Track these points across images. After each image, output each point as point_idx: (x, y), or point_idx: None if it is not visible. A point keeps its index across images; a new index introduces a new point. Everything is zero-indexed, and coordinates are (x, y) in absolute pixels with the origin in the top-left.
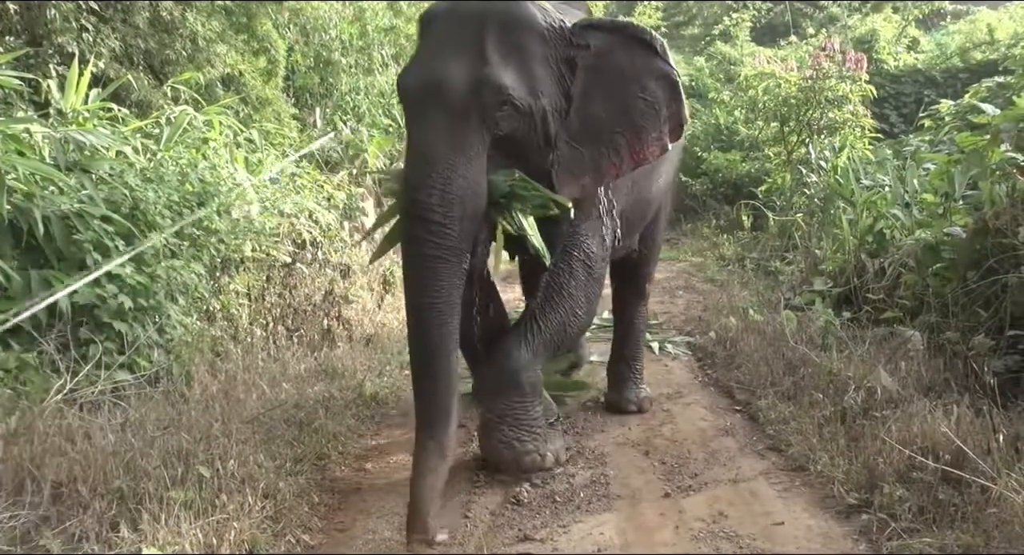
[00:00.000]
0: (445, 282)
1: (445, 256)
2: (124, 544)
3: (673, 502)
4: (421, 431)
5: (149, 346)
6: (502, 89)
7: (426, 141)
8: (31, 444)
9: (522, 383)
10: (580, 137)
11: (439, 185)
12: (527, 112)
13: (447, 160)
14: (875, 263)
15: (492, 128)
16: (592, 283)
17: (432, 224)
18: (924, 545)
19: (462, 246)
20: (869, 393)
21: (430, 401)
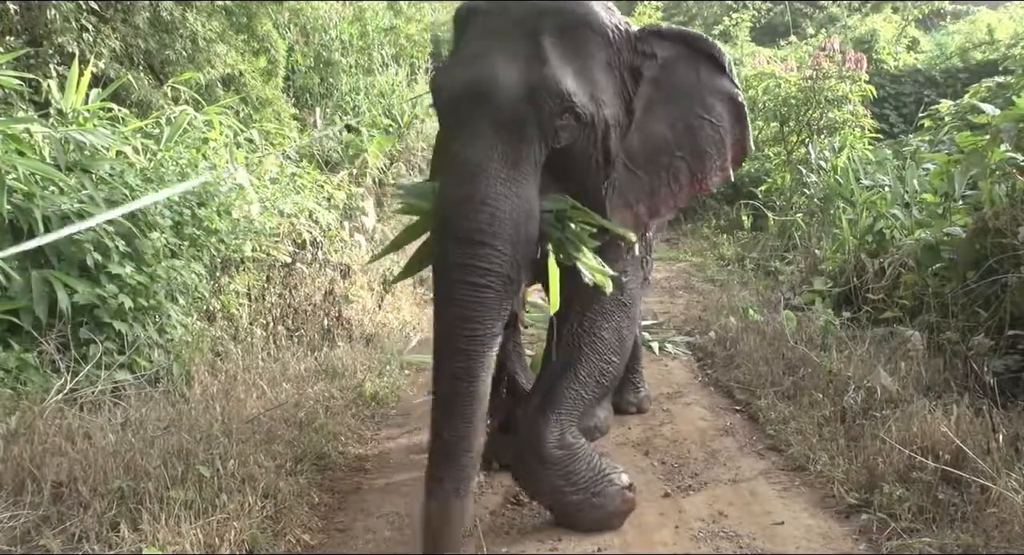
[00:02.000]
0: (490, 313)
1: (492, 285)
2: (124, 544)
3: (673, 502)
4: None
5: (149, 346)
6: (563, 94)
7: (472, 152)
8: (31, 444)
9: (560, 460)
10: (639, 159)
11: (489, 202)
12: (588, 123)
13: (498, 174)
14: (875, 263)
15: (550, 140)
16: (630, 326)
17: (479, 247)
18: (924, 545)
19: (512, 274)
20: (869, 393)
21: (456, 447)
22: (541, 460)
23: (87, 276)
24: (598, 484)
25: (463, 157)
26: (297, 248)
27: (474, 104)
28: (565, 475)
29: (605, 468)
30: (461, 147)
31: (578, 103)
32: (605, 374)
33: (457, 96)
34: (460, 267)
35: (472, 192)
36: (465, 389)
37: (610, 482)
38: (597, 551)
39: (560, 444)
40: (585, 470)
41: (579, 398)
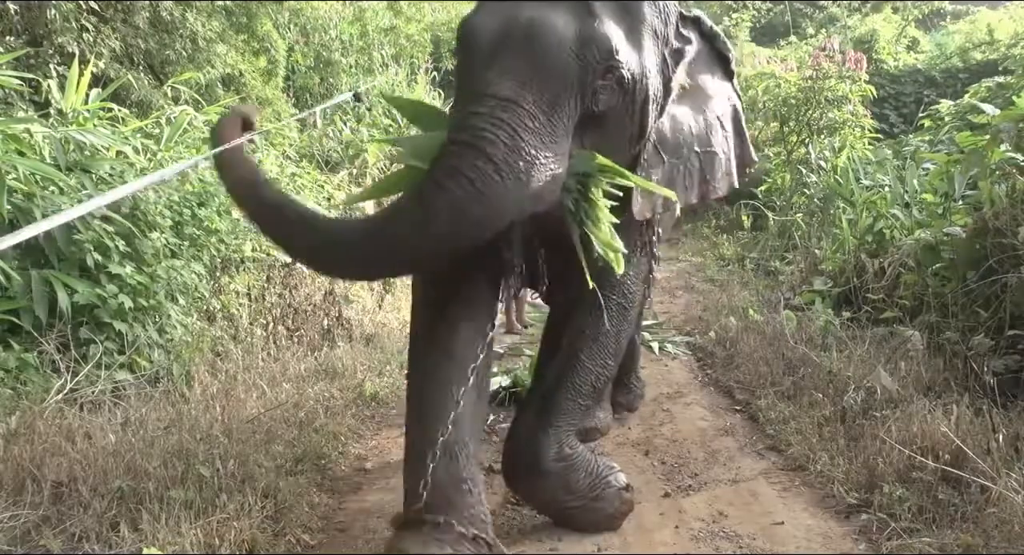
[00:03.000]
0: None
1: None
2: (124, 544)
3: (673, 502)
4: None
5: (149, 346)
6: (612, 51)
7: (503, 87)
8: (31, 444)
9: (559, 472)
10: (666, 143)
11: (511, 124)
12: (630, 90)
13: (529, 114)
14: (875, 263)
15: (588, 99)
16: (627, 326)
17: (488, 156)
18: (924, 545)
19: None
20: (869, 393)
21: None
22: (541, 475)
23: (87, 276)
24: (596, 488)
25: (494, 86)
26: None
27: (513, 46)
28: (565, 486)
29: (603, 471)
30: (489, 81)
31: (624, 65)
32: (601, 378)
33: (494, 37)
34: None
35: (493, 114)
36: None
37: (608, 484)
38: (597, 551)
39: (559, 457)
40: (584, 477)
41: (576, 407)
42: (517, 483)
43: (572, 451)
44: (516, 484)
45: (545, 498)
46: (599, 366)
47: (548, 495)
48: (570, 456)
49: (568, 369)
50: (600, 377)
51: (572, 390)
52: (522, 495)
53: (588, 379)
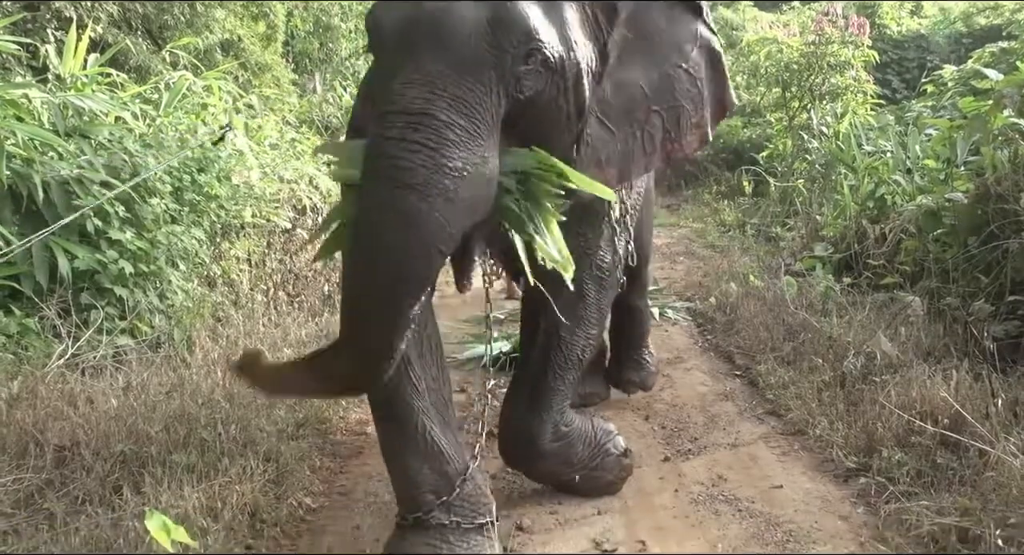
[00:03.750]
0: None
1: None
2: (127, 506)
3: (672, 466)
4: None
5: (150, 311)
6: (529, 32)
7: (415, 94)
8: (34, 408)
9: (557, 451)
10: (612, 112)
11: (431, 145)
12: (558, 69)
13: (448, 122)
14: (876, 229)
15: (511, 88)
16: (605, 295)
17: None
18: (922, 508)
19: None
20: (869, 358)
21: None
22: (539, 457)
23: (87, 242)
24: (596, 458)
25: (403, 100)
26: (297, 214)
27: (420, 42)
28: (564, 462)
29: (601, 439)
30: (401, 88)
31: (546, 44)
32: (586, 349)
33: (399, 33)
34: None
35: (405, 137)
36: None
37: (607, 452)
38: (597, 513)
39: (555, 438)
40: (582, 450)
41: (565, 385)
42: (516, 465)
43: (568, 428)
44: (515, 466)
45: (545, 475)
46: (582, 339)
47: (548, 472)
48: (567, 434)
49: (551, 349)
50: (585, 348)
51: (558, 369)
52: (521, 471)
53: (573, 354)
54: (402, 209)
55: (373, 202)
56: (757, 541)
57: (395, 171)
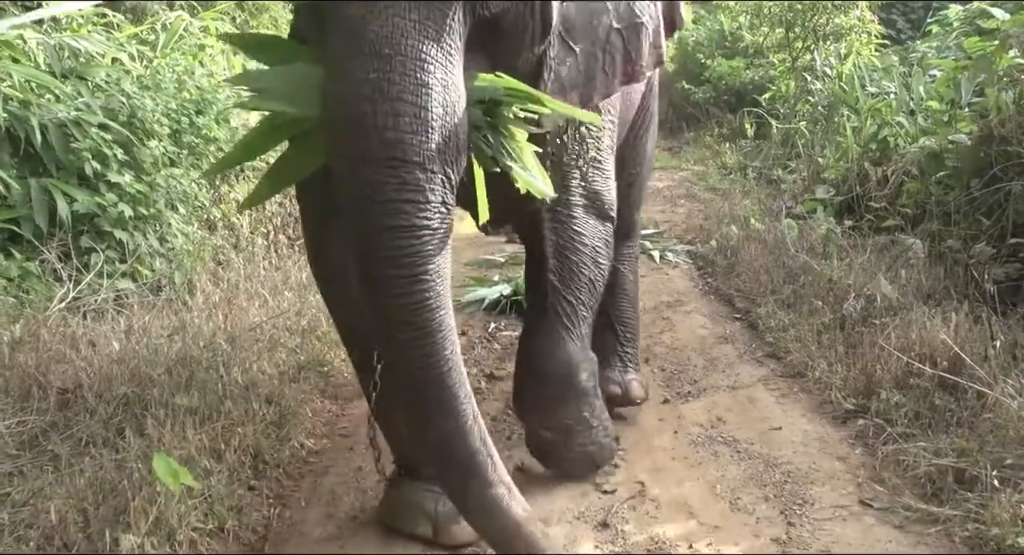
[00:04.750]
0: (438, 266)
1: (431, 223)
2: (130, 448)
3: (672, 408)
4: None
5: (151, 255)
6: None
7: (378, 24)
8: (36, 351)
9: (583, 386)
10: (576, 30)
11: (410, 98)
12: None
13: (417, 55)
14: (878, 171)
15: (477, 6)
16: (605, 221)
17: (404, 169)
18: (919, 449)
19: (448, 198)
20: (869, 301)
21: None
22: (574, 396)
23: (86, 185)
24: (602, 433)
25: (364, 31)
26: None
27: None
28: (591, 411)
29: (607, 418)
30: (361, 16)
31: None
32: (597, 278)
33: None
34: (382, 207)
35: (384, 84)
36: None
37: (607, 434)
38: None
39: (591, 376)
40: (599, 412)
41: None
42: (527, 393)
43: (595, 367)
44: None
45: (559, 413)
46: (589, 266)
47: (562, 409)
48: (593, 375)
49: (557, 275)
50: (595, 277)
51: (569, 291)
52: (527, 401)
53: (582, 277)
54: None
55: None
56: (755, 482)
57: (381, 147)
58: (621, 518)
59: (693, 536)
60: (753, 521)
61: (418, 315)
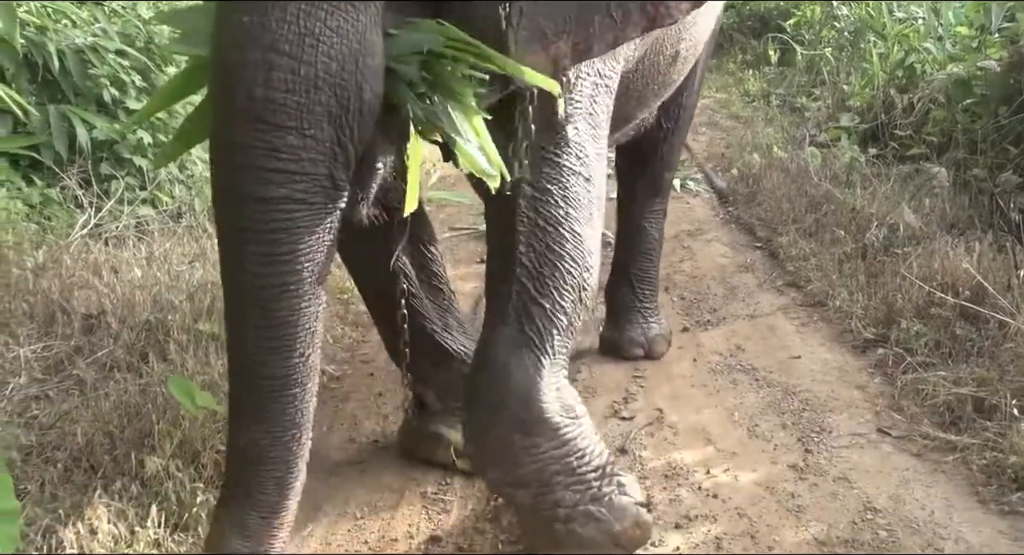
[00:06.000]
0: (307, 244)
1: (306, 196)
2: (154, 373)
3: (691, 336)
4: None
5: (171, 182)
6: None
7: None
8: (59, 278)
9: (550, 417)
10: None
11: (286, 48)
12: None
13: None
14: (904, 98)
15: None
16: (595, 201)
17: (275, 132)
18: (939, 379)
19: (337, 171)
20: (891, 230)
21: (261, 457)
22: (529, 429)
23: (105, 112)
24: (604, 483)
25: None
26: None
27: None
28: (562, 458)
29: (610, 467)
30: None
31: None
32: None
33: None
34: (248, 171)
35: (257, 30)
36: (276, 371)
37: (621, 488)
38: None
39: (559, 402)
40: (591, 454)
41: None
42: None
43: (574, 402)
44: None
45: (527, 476)
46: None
47: (532, 471)
48: (573, 408)
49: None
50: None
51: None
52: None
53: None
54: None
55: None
56: (773, 409)
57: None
58: (639, 444)
59: (710, 462)
60: (771, 448)
61: (274, 301)
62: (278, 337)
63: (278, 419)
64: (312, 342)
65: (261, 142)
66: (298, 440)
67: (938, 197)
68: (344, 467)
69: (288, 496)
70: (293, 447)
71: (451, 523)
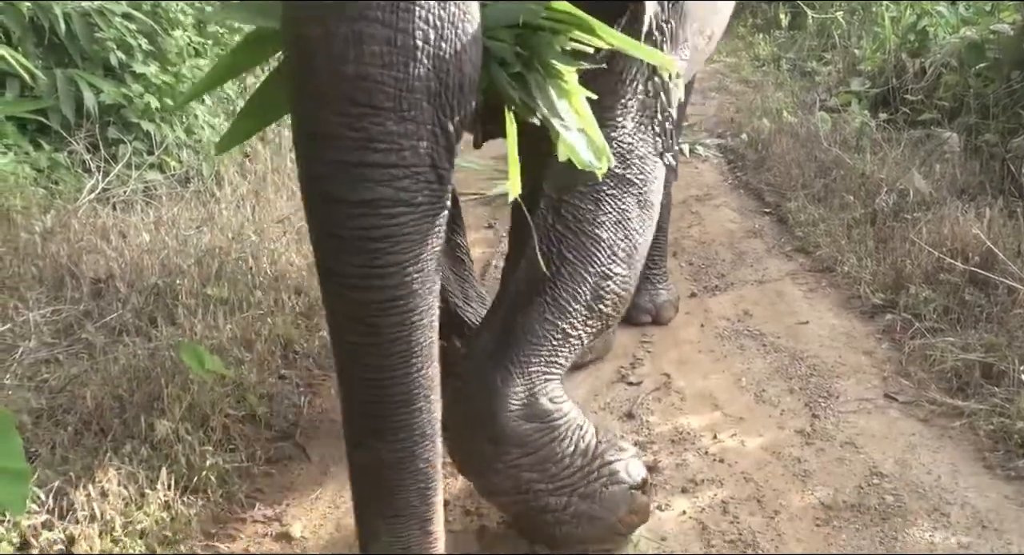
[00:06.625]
0: (415, 246)
1: (409, 189)
2: (163, 337)
3: (699, 301)
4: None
5: (178, 146)
6: None
7: None
8: (68, 242)
9: (515, 427)
10: None
11: (381, 16)
12: None
13: None
14: (916, 63)
15: None
16: (644, 215)
17: (371, 117)
18: (947, 344)
19: (441, 161)
20: (901, 195)
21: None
22: (496, 439)
23: (112, 76)
24: (591, 479)
25: None
26: None
27: None
28: (539, 463)
29: (605, 452)
30: None
31: None
32: (603, 295)
33: None
34: (339, 169)
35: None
36: (394, 389)
37: (613, 477)
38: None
39: (528, 412)
40: (571, 457)
41: (559, 337)
42: (465, 456)
43: (553, 408)
44: (464, 458)
45: (504, 483)
46: (598, 274)
47: (509, 479)
48: (549, 415)
49: (544, 277)
50: (602, 293)
51: (553, 308)
52: (472, 476)
53: (579, 293)
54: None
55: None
56: (781, 375)
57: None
58: (646, 409)
59: (717, 427)
60: (777, 413)
61: (381, 317)
62: (389, 355)
63: (408, 435)
64: (430, 353)
65: (353, 131)
66: (433, 450)
67: (948, 162)
68: None
69: (436, 506)
70: (430, 457)
71: (459, 487)
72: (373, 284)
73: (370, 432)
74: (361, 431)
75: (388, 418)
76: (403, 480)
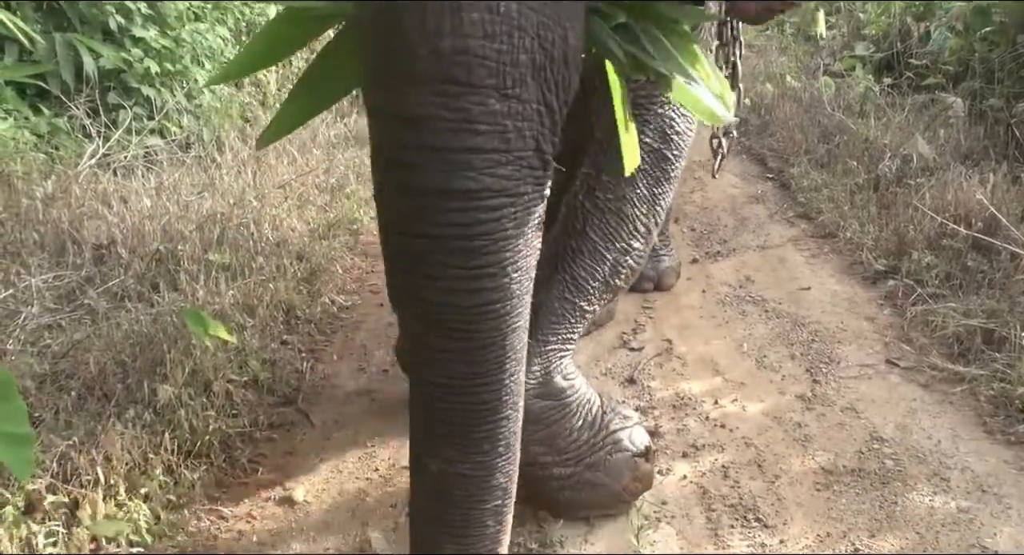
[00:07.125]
0: (516, 254)
1: (515, 183)
2: (164, 303)
3: (701, 267)
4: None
5: (178, 111)
6: None
7: None
8: (69, 207)
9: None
10: None
11: None
12: None
13: None
14: (921, 27)
15: None
16: (671, 187)
17: (469, 94)
18: (948, 310)
19: (546, 145)
20: (904, 161)
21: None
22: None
23: (111, 40)
24: (596, 449)
25: None
26: None
27: None
28: (548, 439)
29: (611, 423)
30: None
31: None
32: (620, 270)
33: None
34: (432, 155)
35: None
36: (483, 397)
37: (617, 445)
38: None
39: (543, 391)
40: (579, 429)
41: (577, 314)
42: None
43: (566, 384)
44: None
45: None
46: (618, 250)
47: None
48: (562, 392)
49: (567, 254)
50: (619, 268)
51: (571, 287)
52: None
53: (598, 271)
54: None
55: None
56: (782, 340)
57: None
58: (648, 374)
59: (718, 392)
60: (778, 378)
61: (475, 323)
62: (481, 362)
63: (492, 446)
64: (521, 358)
65: (450, 111)
66: (514, 463)
67: (953, 127)
68: (354, 396)
69: (507, 526)
70: (510, 471)
71: None
72: (469, 287)
73: (447, 442)
74: (437, 441)
75: (473, 428)
76: (481, 496)
